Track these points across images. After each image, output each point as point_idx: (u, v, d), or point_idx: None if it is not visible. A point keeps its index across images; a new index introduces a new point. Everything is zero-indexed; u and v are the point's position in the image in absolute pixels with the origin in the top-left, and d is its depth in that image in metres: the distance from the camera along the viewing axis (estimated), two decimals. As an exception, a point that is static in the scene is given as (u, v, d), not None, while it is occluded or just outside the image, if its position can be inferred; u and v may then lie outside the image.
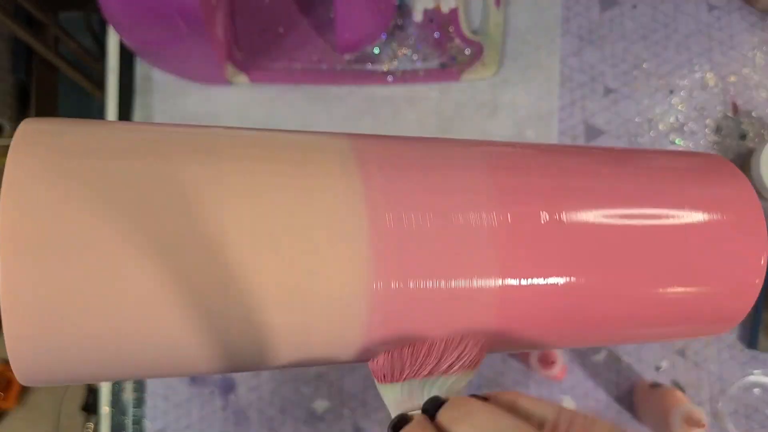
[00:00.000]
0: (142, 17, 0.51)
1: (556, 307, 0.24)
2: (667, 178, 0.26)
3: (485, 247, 0.23)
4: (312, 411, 0.61)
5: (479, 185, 0.23)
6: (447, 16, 0.63)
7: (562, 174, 0.25)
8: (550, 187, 0.24)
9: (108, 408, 0.61)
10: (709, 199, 0.26)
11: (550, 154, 0.27)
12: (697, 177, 0.27)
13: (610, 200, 0.24)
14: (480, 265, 0.23)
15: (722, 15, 0.66)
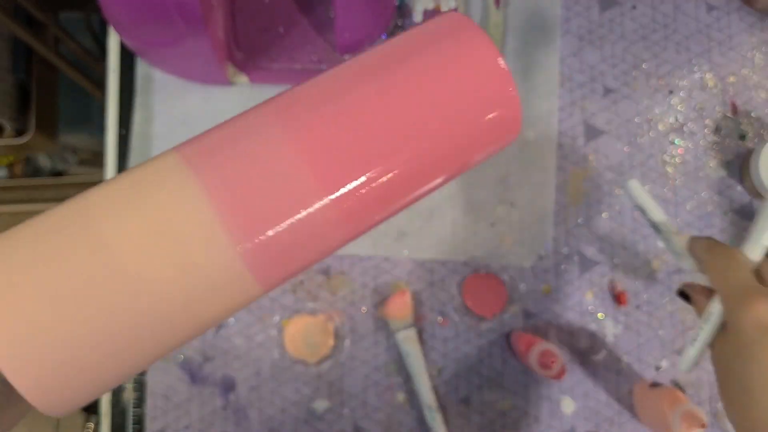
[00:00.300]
0: (142, 17, 0.51)
1: (380, 192, 0.28)
2: (407, 49, 0.30)
3: (304, 176, 0.26)
4: (312, 411, 0.61)
5: (272, 127, 0.27)
6: (447, 16, 0.63)
7: (334, 87, 0.29)
8: (327, 102, 0.28)
9: (108, 408, 0.61)
10: (441, 46, 0.30)
11: (325, 79, 0.30)
12: (429, 37, 0.31)
13: (376, 91, 0.29)
14: (308, 191, 0.26)
15: (721, 15, 0.66)
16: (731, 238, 0.63)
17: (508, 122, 0.30)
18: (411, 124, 0.28)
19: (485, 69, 0.29)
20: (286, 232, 0.26)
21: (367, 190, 0.27)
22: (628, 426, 0.61)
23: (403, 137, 0.28)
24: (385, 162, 0.28)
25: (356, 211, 0.28)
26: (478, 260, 0.62)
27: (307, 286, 0.62)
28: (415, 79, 0.29)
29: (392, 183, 0.28)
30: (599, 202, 0.63)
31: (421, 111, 0.28)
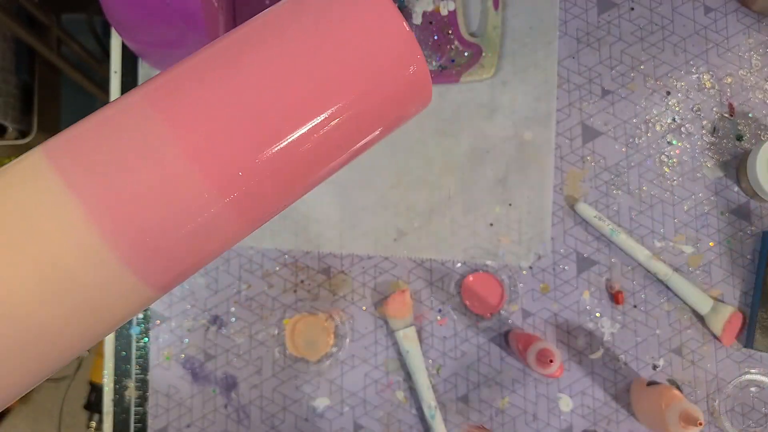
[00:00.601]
0: (144, 19, 0.52)
1: (274, 177, 0.25)
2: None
3: (182, 165, 0.24)
4: (312, 408, 0.61)
5: (143, 111, 0.25)
6: (446, 18, 0.64)
7: (214, 59, 0.26)
8: (206, 77, 0.25)
9: (111, 406, 0.62)
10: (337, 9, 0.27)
11: (203, 52, 0.27)
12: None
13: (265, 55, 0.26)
14: (189, 182, 0.24)
15: (719, 17, 0.66)
16: (728, 239, 0.63)
17: (416, 88, 0.27)
18: (303, 99, 0.25)
19: (386, 31, 0.26)
20: (168, 230, 0.24)
21: (258, 176, 0.25)
22: (625, 424, 0.61)
23: (294, 114, 0.25)
24: (276, 142, 0.25)
25: (249, 200, 0.25)
26: (477, 260, 0.63)
27: (308, 285, 0.63)
28: (306, 47, 0.26)
29: (286, 165, 0.25)
30: (597, 202, 0.63)
31: (314, 82, 0.25)
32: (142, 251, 0.23)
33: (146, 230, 0.23)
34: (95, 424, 1.40)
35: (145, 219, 0.23)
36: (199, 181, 0.24)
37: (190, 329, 0.62)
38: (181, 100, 0.25)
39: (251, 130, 0.25)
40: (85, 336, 0.24)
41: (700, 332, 0.62)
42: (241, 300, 0.62)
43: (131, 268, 0.23)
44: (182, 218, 0.24)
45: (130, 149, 0.24)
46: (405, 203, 0.63)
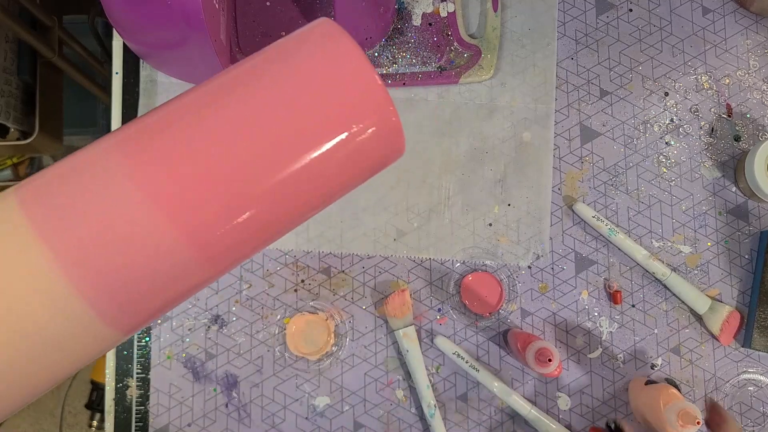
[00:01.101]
0: (145, 21, 0.52)
1: (243, 225, 0.25)
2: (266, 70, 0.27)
3: (150, 214, 0.24)
4: (313, 407, 0.62)
5: (113, 160, 0.25)
6: (445, 20, 0.64)
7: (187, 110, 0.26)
8: (176, 127, 0.25)
9: (112, 405, 0.62)
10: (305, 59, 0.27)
11: (175, 104, 0.27)
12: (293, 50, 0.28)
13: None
14: (156, 231, 0.24)
15: (717, 18, 0.67)
16: (726, 239, 0.64)
17: (388, 141, 0.27)
18: (273, 151, 0.25)
19: (357, 86, 0.26)
20: (133, 275, 0.24)
21: (225, 223, 0.25)
22: (623, 422, 0.62)
23: (264, 165, 0.25)
24: (245, 192, 0.25)
25: (217, 246, 0.25)
26: (476, 259, 0.63)
27: (309, 285, 0.63)
28: (276, 101, 0.26)
29: (256, 215, 0.25)
30: (595, 202, 0.64)
31: (283, 134, 0.25)
32: (108, 296, 0.24)
33: (112, 276, 0.24)
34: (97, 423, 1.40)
35: (111, 265, 0.24)
36: (164, 228, 0.24)
37: (191, 328, 0.62)
38: (149, 150, 0.25)
39: (220, 180, 0.25)
40: (51, 375, 0.25)
41: (698, 332, 0.63)
42: (242, 299, 0.63)
43: (96, 312, 0.24)
44: (147, 264, 0.24)
45: (97, 197, 0.24)
46: (405, 203, 0.64)
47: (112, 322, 0.24)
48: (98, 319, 0.24)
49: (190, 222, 0.24)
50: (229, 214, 0.25)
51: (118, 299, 0.24)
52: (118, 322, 0.25)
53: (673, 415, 0.52)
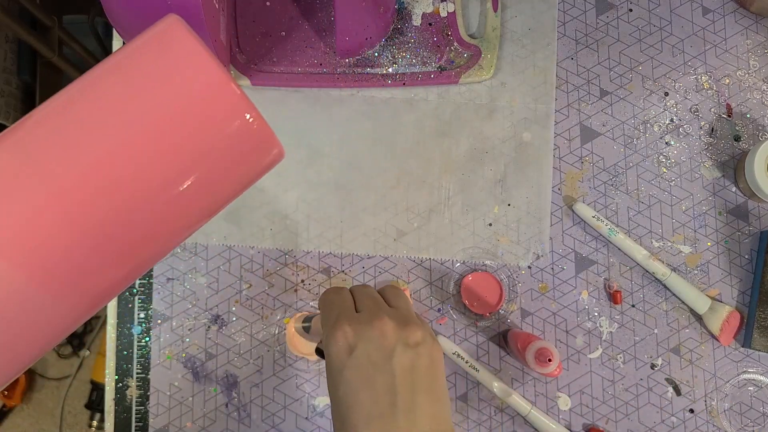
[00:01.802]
0: (145, 21, 0.52)
1: (92, 256, 0.24)
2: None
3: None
4: (313, 407, 0.62)
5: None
6: (445, 20, 0.64)
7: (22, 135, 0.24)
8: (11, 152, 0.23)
9: (112, 405, 0.62)
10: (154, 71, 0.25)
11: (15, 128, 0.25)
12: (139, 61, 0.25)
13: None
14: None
15: (717, 18, 0.67)
16: (725, 239, 0.64)
17: (255, 147, 0.26)
18: (121, 168, 0.23)
19: (204, 83, 0.24)
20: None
21: (72, 254, 0.23)
22: (624, 423, 0.62)
23: (111, 185, 0.23)
24: (88, 215, 0.23)
25: (64, 280, 0.23)
26: (476, 259, 0.63)
27: (309, 285, 0.63)
28: (120, 111, 0.24)
29: (109, 238, 0.23)
30: (595, 202, 0.64)
31: (130, 147, 0.23)
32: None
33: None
34: (96, 423, 1.40)
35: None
36: (6, 268, 0.22)
37: (191, 328, 0.62)
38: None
39: (64, 207, 0.23)
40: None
41: (698, 332, 0.63)
42: (242, 299, 0.63)
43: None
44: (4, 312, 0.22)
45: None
46: (405, 203, 0.64)
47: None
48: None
49: (29, 256, 0.22)
50: (75, 244, 0.23)
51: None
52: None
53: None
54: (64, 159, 0.23)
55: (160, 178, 0.24)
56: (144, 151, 0.24)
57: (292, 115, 0.64)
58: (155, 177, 0.24)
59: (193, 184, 0.25)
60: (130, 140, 0.23)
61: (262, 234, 0.63)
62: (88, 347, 1.47)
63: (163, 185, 0.24)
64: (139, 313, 0.63)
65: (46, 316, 0.23)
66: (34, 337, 0.24)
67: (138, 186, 0.24)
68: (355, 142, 0.64)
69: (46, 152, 0.23)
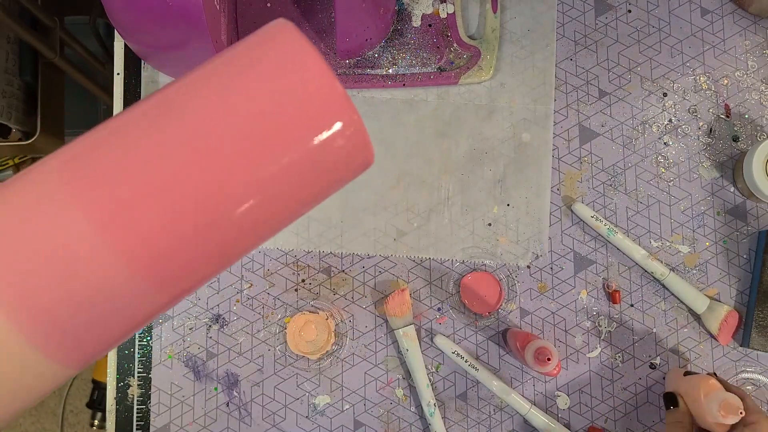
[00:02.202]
0: (146, 22, 0.52)
1: (191, 251, 0.24)
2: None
3: (93, 244, 0.22)
4: (313, 406, 0.62)
5: (52, 185, 0.23)
6: (445, 21, 0.65)
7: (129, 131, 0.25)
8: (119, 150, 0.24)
9: (113, 404, 0.63)
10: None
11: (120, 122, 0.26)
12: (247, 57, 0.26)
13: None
14: (100, 262, 0.22)
15: (715, 19, 0.67)
16: (724, 239, 0.64)
17: (354, 152, 0.25)
18: (224, 169, 0.23)
19: (317, 95, 0.24)
20: (76, 307, 0.22)
21: (174, 248, 0.23)
22: (622, 422, 0.62)
23: (218, 185, 0.23)
24: (195, 213, 0.23)
25: (166, 272, 0.24)
26: (476, 259, 0.63)
27: (309, 284, 0.63)
28: (226, 113, 0.24)
29: (208, 237, 0.24)
30: (594, 202, 0.64)
31: (236, 151, 0.23)
32: (50, 332, 0.22)
33: (53, 310, 0.22)
34: (98, 422, 1.41)
35: (51, 297, 0.22)
36: (107, 254, 0.22)
37: (192, 328, 0.63)
38: (91, 169, 0.23)
39: (167, 200, 0.23)
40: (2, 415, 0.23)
41: (696, 331, 0.63)
42: (243, 299, 0.63)
43: (40, 349, 0.22)
44: (90, 294, 0.22)
45: (36, 223, 0.22)
46: (404, 204, 0.64)
47: (59, 358, 0.23)
48: (42, 356, 0.23)
49: (135, 246, 0.23)
50: (180, 240, 0.23)
51: (61, 334, 0.23)
52: (64, 357, 0.23)
53: (715, 405, 0.51)
54: (171, 154, 0.23)
55: (261, 181, 0.24)
56: (248, 152, 0.24)
57: (292, 116, 0.64)
58: (256, 179, 0.24)
59: (288, 188, 0.25)
60: (236, 142, 0.24)
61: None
62: (89, 347, 1.48)
63: (259, 188, 0.24)
64: (140, 313, 0.63)
65: (133, 302, 0.24)
66: (122, 323, 0.24)
67: (239, 187, 0.24)
68: (355, 142, 0.64)
69: (154, 145, 0.24)
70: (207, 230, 0.24)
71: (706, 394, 0.53)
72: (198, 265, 0.25)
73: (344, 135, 0.25)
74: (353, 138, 0.25)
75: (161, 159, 0.23)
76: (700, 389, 0.54)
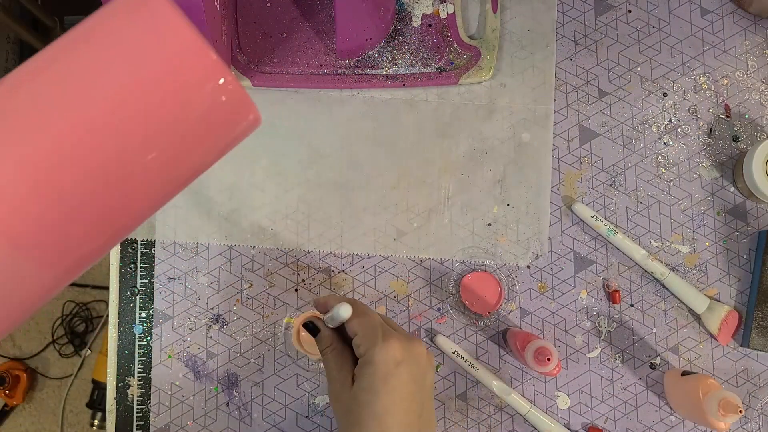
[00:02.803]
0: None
1: (74, 224, 0.23)
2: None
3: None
4: (313, 406, 0.62)
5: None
6: (445, 21, 0.65)
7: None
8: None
9: (113, 404, 0.63)
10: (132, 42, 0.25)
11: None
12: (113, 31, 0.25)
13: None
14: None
15: (715, 19, 0.67)
16: (724, 239, 0.64)
17: (230, 109, 0.25)
18: (96, 127, 0.23)
19: (181, 52, 0.24)
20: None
21: (52, 219, 0.23)
22: (622, 422, 0.62)
23: (96, 152, 0.23)
24: (64, 180, 0.23)
25: (49, 247, 0.23)
26: (475, 259, 0.63)
27: (309, 284, 0.63)
28: (90, 72, 0.24)
29: (87, 203, 0.23)
30: (594, 202, 0.64)
31: (102, 118, 0.23)
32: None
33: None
34: (98, 422, 1.41)
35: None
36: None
37: (192, 328, 0.63)
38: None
39: (42, 172, 0.22)
40: None
41: (696, 331, 0.63)
42: (243, 299, 0.63)
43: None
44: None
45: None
46: (404, 204, 0.64)
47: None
48: None
49: (10, 220, 0.22)
50: (56, 209, 0.23)
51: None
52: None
53: (714, 404, 0.51)
54: (37, 124, 0.23)
55: (133, 144, 0.24)
56: (117, 115, 0.23)
57: (292, 116, 0.65)
58: (129, 142, 0.24)
59: (167, 150, 0.25)
60: (103, 105, 0.23)
61: (262, 234, 0.63)
62: (89, 346, 1.48)
63: (137, 151, 0.24)
64: (140, 313, 0.63)
65: (28, 281, 0.23)
66: (17, 302, 0.24)
67: (111, 151, 0.23)
68: (355, 142, 0.64)
69: (18, 117, 0.23)
70: (88, 198, 0.23)
71: (704, 394, 0.53)
72: (82, 238, 0.24)
73: (219, 92, 0.25)
74: (228, 97, 0.25)
75: (36, 125, 0.23)
76: (699, 389, 0.54)
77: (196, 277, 0.63)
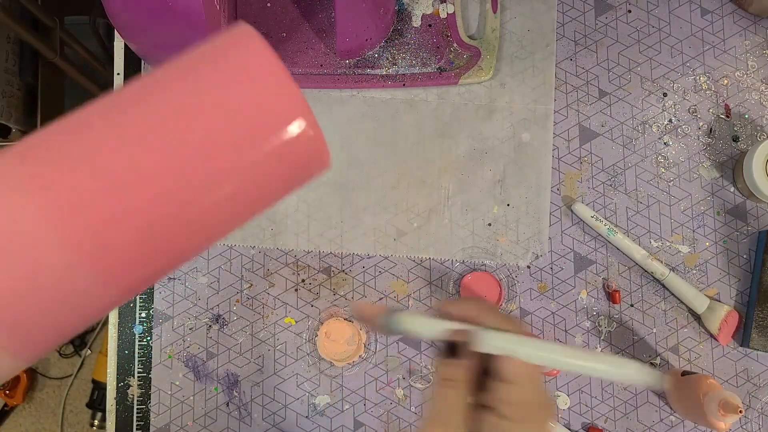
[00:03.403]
0: (146, 22, 0.53)
1: (144, 247, 0.24)
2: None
3: (45, 238, 0.22)
4: (313, 406, 0.62)
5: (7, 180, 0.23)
6: (445, 21, 0.65)
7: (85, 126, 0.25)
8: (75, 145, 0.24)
9: (113, 404, 0.63)
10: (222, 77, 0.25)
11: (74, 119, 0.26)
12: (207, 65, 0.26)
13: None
14: (53, 256, 0.22)
15: (715, 19, 0.67)
16: (724, 239, 0.64)
17: (309, 157, 0.26)
18: (177, 166, 0.24)
19: (271, 94, 0.25)
20: (26, 297, 0.22)
21: (125, 242, 0.23)
22: (622, 422, 0.62)
23: (168, 181, 0.24)
24: (147, 208, 0.23)
25: (116, 266, 0.24)
26: (475, 259, 0.63)
27: (309, 284, 0.63)
28: (180, 112, 0.24)
29: (160, 232, 0.24)
30: (594, 202, 0.64)
31: (194, 145, 0.24)
32: (10, 332, 0.22)
33: (12, 315, 0.22)
34: (98, 422, 1.41)
35: (13, 302, 0.22)
36: (56, 245, 0.22)
37: (192, 328, 0.63)
38: (45, 159, 0.23)
39: (121, 194, 0.23)
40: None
41: (696, 331, 0.63)
42: (243, 299, 0.63)
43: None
44: (39, 286, 0.22)
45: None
46: (405, 204, 0.64)
47: (7, 349, 0.23)
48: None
49: (85, 239, 0.22)
50: (132, 233, 0.23)
51: (9, 325, 0.22)
52: (13, 348, 0.23)
53: (714, 404, 0.51)
54: (125, 149, 0.24)
55: (215, 178, 0.25)
56: (205, 151, 0.24)
57: (292, 116, 0.64)
58: (211, 176, 0.24)
59: (245, 188, 0.25)
60: (194, 139, 0.24)
61: (262, 234, 0.63)
62: (89, 346, 1.48)
63: (217, 185, 0.25)
64: (140, 313, 0.63)
65: (91, 296, 0.24)
66: (67, 314, 0.24)
67: (195, 183, 0.24)
68: (355, 142, 0.64)
69: (109, 140, 0.24)
70: (159, 225, 0.24)
71: (705, 394, 0.53)
72: (147, 261, 0.25)
73: (301, 139, 0.25)
74: (311, 143, 0.25)
75: (117, 152, 0.23)
76: (699, 389, 0.54)
77: (196, 277, 0.63)
